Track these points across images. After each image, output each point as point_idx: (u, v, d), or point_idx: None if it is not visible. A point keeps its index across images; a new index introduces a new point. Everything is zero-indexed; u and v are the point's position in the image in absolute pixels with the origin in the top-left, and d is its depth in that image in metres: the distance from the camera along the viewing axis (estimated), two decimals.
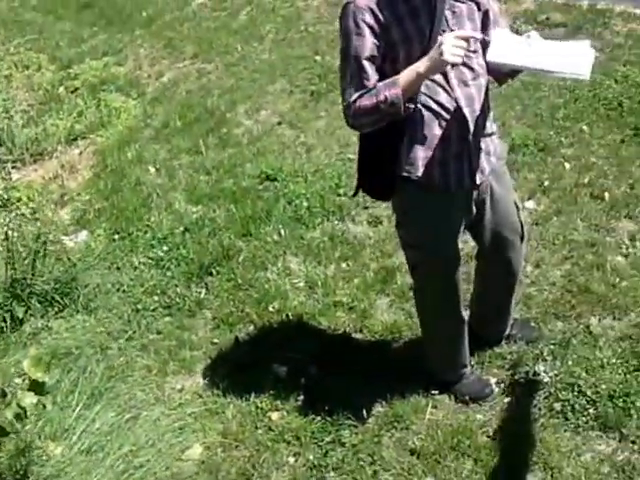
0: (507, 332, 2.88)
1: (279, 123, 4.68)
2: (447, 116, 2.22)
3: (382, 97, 2.12)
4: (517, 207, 2.56)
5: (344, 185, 3.88)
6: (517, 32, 2.17)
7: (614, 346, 2.81)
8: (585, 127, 4.08)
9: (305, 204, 3.82)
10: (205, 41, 5.93)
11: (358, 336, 3.07)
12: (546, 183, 3.73)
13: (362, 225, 3.68)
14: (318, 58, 5.29)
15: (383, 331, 3.05)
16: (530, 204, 3.63)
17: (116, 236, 3.86)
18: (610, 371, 2.71)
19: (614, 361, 2.74)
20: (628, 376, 2.68)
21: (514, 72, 2.26)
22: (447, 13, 2.13)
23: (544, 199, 3.65)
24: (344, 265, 3.45)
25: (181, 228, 3.80)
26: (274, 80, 5.18)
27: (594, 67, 4.16)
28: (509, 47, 2.07)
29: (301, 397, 2.81)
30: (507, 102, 4.41)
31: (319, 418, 2.70)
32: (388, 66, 2.17)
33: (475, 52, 2.15)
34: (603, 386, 2.64)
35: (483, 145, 2.33)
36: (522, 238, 2.60)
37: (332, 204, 3.81)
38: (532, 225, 3.47)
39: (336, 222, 3.72)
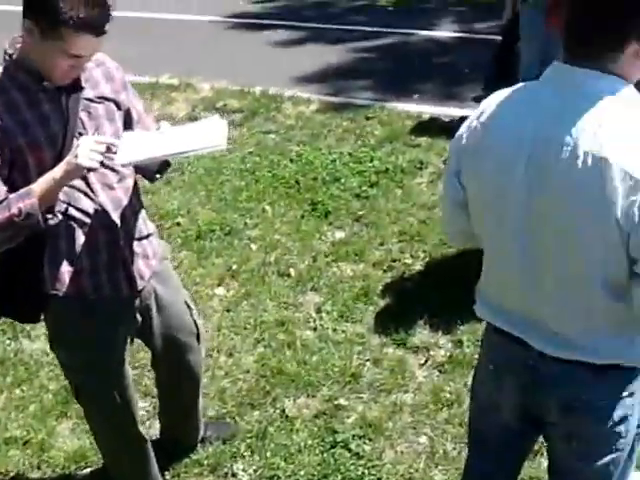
0: (201, 435, 2.69)
1: None
2: (93, 223, 2.02)
3: (16, 210, 1.85)
4: (189, 307, 2.42)
5: None
6: (196, 119, 2.12)
7: (310, 426, 2.75)
8: (267, 207, 4.15)
9: None
10: None
11: (36, 475, 2.64)
12: (234, 267, 3.68)
13: (39, 340, 3.26)
14: None
15: (66, 462, 2.66)
16: (220, 290, 3.54)
17: None
18: (308, 454, 2.63)
19: (310, 442, 2.68)
20: (325, 455, 2.62)
21: (162, 167, 2.19)
22: (82, 115, 1.97)
23: (233, 283, 3.58)
24: (18, 391, 3.00)
25: None
26: None
27: (271, 148, 4.25)
28: (139, 145, 1.99)
29: None
30: (191, 189, 4.37)
31: None
32: (18, 175, 1.91)
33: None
34: (302, 472, 2.55)
35: (139, 249, 2.16)
36: (199, 338, 2.46)
37: (2, 322, 3.35)
38: (223, 312, 3.38)
39: (8, 342, 3.27)
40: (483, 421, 1.82)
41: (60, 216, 1.98)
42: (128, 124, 2.12)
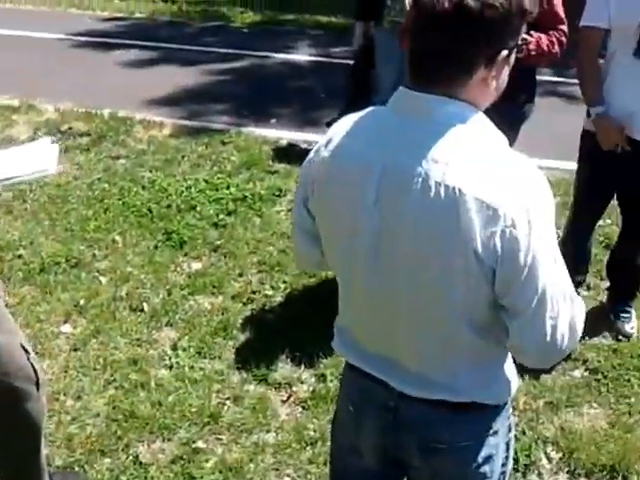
0: None
1: None
2: None
3: None
4: (26, 350, 2.19)
5: None
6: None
7: (166, 472, 2.58)
8: (118, 237, 3.93)
9: None
10: None
11: None
12: (82, 302, 3.43)
13: None
14: None
15: None
16: (66, 328, 3.29)
17: None
18: None
19: None
20: None
21: None
22: None
23: (81, 320, 3.33)
24: None
25: None
26: None
27: (121, 174, 4.02)
28: None
29: None
30: (34, 218, 4.06)
31: None
32: None
33: None
34: None
35: None
36: (38, 385, 2.23)
37: None
38: (70, 351, 3.13)
39: None
40: (344, 463, 1.73)
41: None
42: None
